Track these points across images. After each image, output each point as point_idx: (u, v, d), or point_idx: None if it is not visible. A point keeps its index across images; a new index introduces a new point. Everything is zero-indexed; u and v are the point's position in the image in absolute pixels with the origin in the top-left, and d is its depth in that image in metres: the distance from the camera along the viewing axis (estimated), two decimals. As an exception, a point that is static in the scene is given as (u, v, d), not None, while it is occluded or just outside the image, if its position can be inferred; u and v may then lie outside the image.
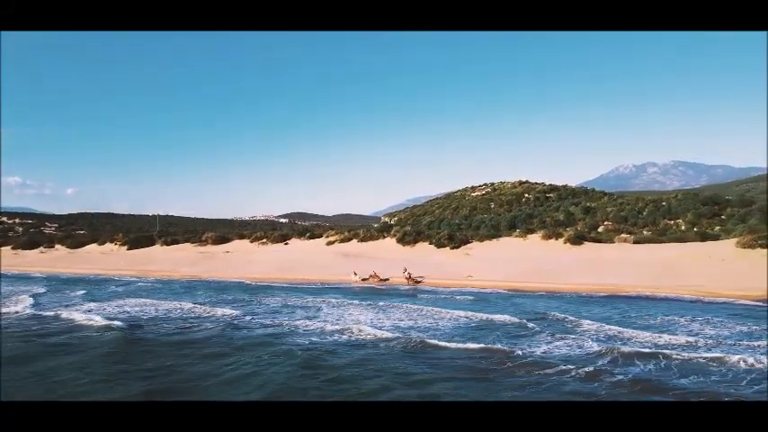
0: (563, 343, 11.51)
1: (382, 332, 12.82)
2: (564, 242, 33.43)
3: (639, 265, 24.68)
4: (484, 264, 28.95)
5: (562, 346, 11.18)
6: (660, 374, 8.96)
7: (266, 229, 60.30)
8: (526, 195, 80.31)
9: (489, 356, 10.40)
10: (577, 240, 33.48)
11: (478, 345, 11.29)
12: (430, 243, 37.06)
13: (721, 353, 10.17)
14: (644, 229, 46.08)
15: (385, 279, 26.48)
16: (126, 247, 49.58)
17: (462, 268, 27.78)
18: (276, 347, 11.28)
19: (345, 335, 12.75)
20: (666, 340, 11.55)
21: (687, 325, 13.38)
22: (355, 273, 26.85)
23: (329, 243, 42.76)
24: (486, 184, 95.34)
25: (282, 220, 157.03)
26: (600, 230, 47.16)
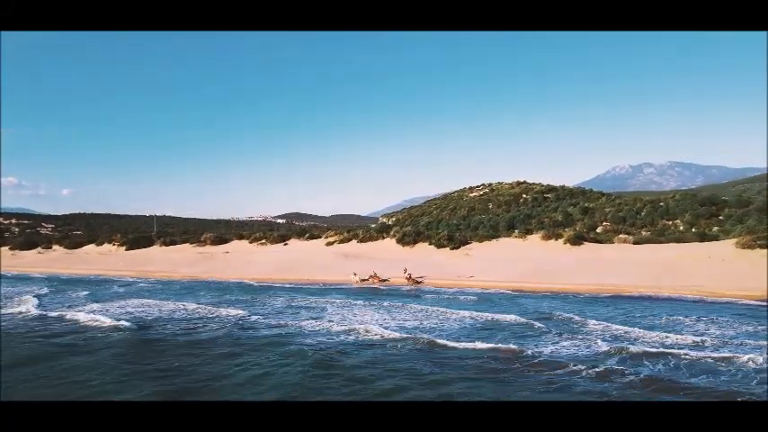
0: (570, 343, 11.58)
1: (389, 332, 12.84)
2: (564, 243, 33.53)
3: (640, 266, 24.82)
4: (484, 264, 29.01)
5: (570, 346, 11.24)
6: (670, 374, 9.02)
7: (263, 230, 60.25)
8: (524, 196, 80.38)
9: (499, 356, 10.45)
10: (577, 241, 33.59)
11: (487, 345, 11.33)
12: (430, 243, 37.10)
13: (729, 352, 10.27)
14: (642, 230, 46.31)
15: (384, 279, 26.46)
16: (124, 248, 49.39)
17: (462, 269, 27.83)
18: (285, 348, 11.29)
19: (352, 335, 12.76)
20: (674, 340, 11.63)
21: (693, 325, 13.48)
22: (355, 273, 26.78)
23: (329, 244, 42.73)
24: (483, 185, 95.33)
25: (280, 221, 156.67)
26: (599, 231, 47.39)
